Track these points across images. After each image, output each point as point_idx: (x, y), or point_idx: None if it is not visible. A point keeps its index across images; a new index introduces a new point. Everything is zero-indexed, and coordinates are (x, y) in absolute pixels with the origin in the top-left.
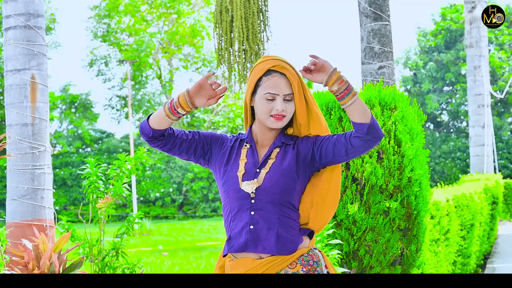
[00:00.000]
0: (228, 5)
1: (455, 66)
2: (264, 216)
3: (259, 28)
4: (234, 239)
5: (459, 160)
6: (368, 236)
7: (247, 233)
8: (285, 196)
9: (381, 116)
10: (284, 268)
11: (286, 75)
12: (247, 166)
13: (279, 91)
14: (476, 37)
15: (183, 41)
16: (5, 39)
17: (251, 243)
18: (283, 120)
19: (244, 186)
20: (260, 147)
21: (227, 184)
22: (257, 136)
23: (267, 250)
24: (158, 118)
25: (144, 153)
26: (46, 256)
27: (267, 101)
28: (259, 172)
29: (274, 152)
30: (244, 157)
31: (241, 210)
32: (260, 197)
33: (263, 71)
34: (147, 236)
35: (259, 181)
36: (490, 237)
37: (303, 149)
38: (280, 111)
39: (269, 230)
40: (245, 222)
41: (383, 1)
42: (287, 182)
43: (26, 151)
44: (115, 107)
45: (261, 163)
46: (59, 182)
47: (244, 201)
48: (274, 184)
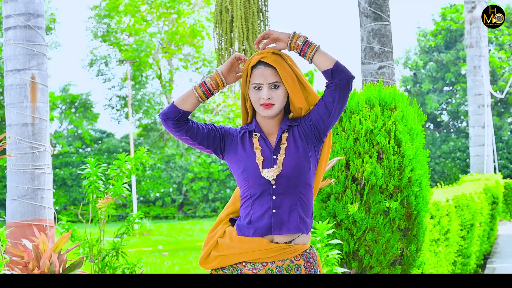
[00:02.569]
0: (228, 5)
1: (455, 66)
2: (285, 200)
3: (259, 28)
4: (257, 222)
5: (459, 160)
6: (368, 236)
7: (270, 216)
8: (303, 177)
9: (381, 116)
10: (290, 258)
11: (272, 65)
12: (263, 153)
13: (264, 80)
14: (476, 37)
15: (183, 41)
16: (5, 39)
17: (276, 225)
18: (272, 108)
19: (265, 174)
20: (268, 135)
21: (247, 171)
22: (262, 126)
23: (291, 230)
24: (188, 100)
25: (144, 153)
26: (46, 256)
27: (255, 91)
28: (276, 159)
29: (284, 137)
30: (258, 145)
31: (262, 195)
32: (281, 182)
33: (252, 63)
34: (147, 236)
35: (278, 168)
36: (490, 237)
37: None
38: (265, 99)
39: (291, 212)
40: (268, 207)
41: (383, 1)
42: (303, 164)
43: (26, 151)
44: (115, 107)
45: (275, 149)
46: (59, 182)
47: (265, 187)
48: (293, 168)
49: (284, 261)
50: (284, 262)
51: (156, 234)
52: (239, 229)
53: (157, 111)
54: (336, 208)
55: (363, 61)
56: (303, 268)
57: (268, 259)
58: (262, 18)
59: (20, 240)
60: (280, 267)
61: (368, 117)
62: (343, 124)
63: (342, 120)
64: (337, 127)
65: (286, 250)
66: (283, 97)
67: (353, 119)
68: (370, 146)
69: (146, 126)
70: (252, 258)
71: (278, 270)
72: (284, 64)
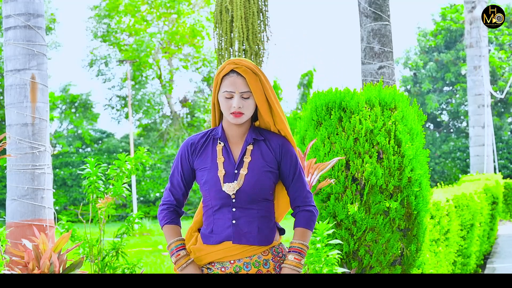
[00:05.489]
0: (228, 5)
1: (455, 66)
2: (245, 212)
3: (259, 28)
4: (217, 233)
5: (459, 160)
6: (368, 236)
7: (229, 227)
8: (263, 193)
9: (381, 116)
10: (257, 254)
11: (243, 75)
12: (225, 166)
13: (235, 89)
14: (476, 37)
15: (183, 41)
16: (5, 39)
17: (235, 235)
18: (241, 117)
19: (225, 188)
20: (233, 145)
21: (208, 184)
22: (228, 133)
23: (250, 241)
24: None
25: (144, 153)
26: (46, 256)
27: (226, 99)
28: (238, 174)
29: (248, 150)
30: (221, 155)
31: (223, 207)
32: (240, 197)
33: (224, 72)
34: (147, 236)
35: (239, 183)
36: (490, 237)
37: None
38: (236, 108)
39: (251, 224)
40: (228, 218)
41: (383, 1)
42: (264, 181)
43: (26, 151)
44: (115, 107)
45: (238, 163)
46: (59, 182)
47: (225, 200)
48: (253, 185)
49: (251, 257)
50: (252, 258)
51: (156, 234)
52: (203, 238)
53: (157, 111)
54: (336, 208)
55: (363, 61)
56: (271, 262)
57: (234, 257)
58: (262, 18)
59: (20, 240)
60: (247, 263)
61: (368, 117)
62: (343, 124)
63: (342, 120)
64: (337, 127)
65: (251, 247)
66: (253, 107)
67: (353, 119)
68: (370, 146)
69: (146, 126)
70: (219, 257)
71: (246, 266)
72: (255, 77)
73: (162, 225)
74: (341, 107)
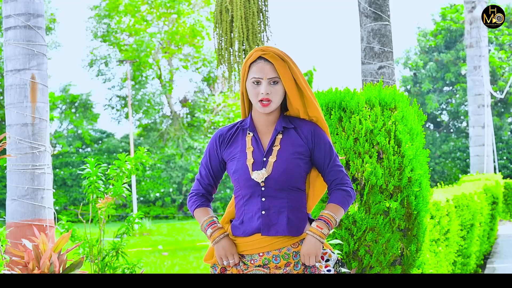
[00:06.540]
0: (228, 5)
1: (455, 66)
2: (274, 202)
3: (259, 28)
4: (247, 223)
5: (459, 160)
6: (368, 236)
7: (259, 218)
8: (293, 182)
9: (381, 116)
10: (287, 246)
11: (271, 61)
12: (254, 154)
13: (263, 75)
14: (476, 37)
15: (183, 41)
16: (5, 39)
17: (264, 227)
18: (270, 105)
19: (254, 176)
20: (262, 134)
21: (238, 173)
22: (257, 123)
23: (279, 232)
24: None
25: (144, 153)
26: (46, 256)
27: (254, 85)
28: (267, 161)
29: (278, 139)
30: (250, 145)
31: (253, 197)
32: (270, 185)
33: (252, 59)
34: (147, 236)
35: (268, 171)
36: (490, 237)
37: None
38: (264, 94)
39: (280, 214)
40: (257, 208)
41: (383, 1)
42: (293, 169)
43: (26, 151)
44: (115, 107)
45: (267, 151)
46: (59, 182)
47: (255, 189)
48: (282, 173)
49: (280, 250)
50: (281, 250)
51: (156, 234)
52: (233, 229)
53: (157, 111)
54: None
55: (363, 61)
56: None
57: (263, 249)
58: (262, 18)
59: (20, 240)
60: (276, 255)
61: (368, 117)
62: (343, 124)
63: (342, 120)
64: (337, 127)
65: (281, 239)
66: (281, 94)
67: (353, 119)
68: (370, 146)
69: (146, 126)
70: (248, 248)
71: (275, 258)
72: (283, 63)
73: (192, 210)
74: (341, 107)
